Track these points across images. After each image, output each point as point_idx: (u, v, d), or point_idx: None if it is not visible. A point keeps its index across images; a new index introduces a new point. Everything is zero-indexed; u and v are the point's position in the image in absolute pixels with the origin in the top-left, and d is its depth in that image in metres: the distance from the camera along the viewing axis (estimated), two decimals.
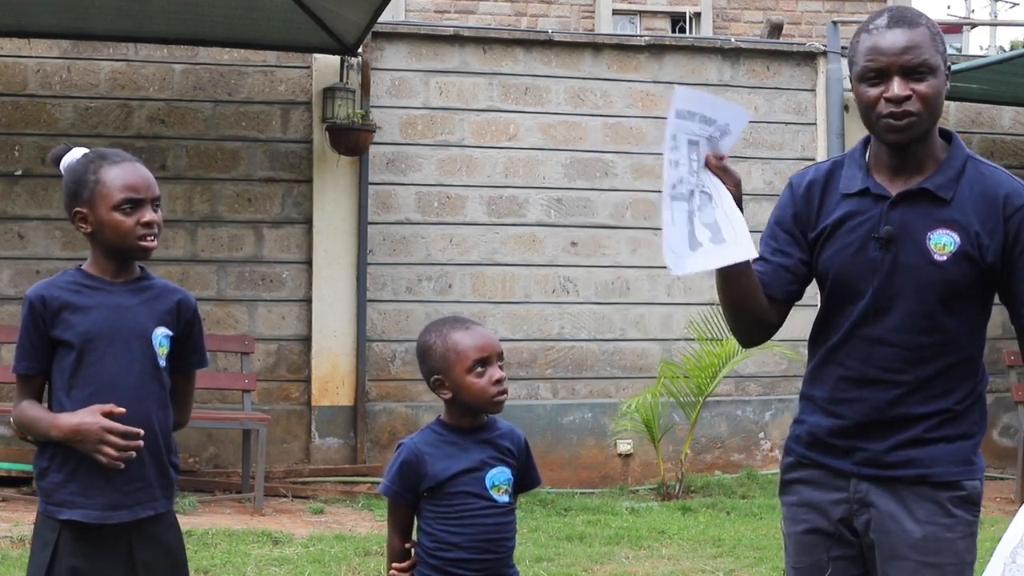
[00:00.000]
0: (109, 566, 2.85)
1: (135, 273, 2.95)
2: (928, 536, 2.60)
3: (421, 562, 2.85)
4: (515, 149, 8.54)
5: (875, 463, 2.65)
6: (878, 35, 2.55)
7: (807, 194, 2.73)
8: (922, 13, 2.61)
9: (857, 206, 2.65)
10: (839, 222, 2.67)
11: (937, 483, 2.62)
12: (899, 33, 2.53)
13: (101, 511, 2.82)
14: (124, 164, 2.89)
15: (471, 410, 2.88)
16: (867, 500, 2.66)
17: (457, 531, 2.81)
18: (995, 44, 27.22)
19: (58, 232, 7.80)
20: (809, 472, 2.74)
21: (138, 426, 2.83)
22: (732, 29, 13.15)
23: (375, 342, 8.21)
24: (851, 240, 2.65)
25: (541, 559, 5.92)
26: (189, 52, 8.09)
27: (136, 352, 2.87)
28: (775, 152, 8.87)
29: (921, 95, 2.53)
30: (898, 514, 2.63)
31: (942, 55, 2.58)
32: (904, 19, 2.56)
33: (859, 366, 2.65)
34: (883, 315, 2.62)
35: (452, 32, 8.60)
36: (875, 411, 2.63)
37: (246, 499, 7.31)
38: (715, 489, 8.08)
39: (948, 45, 12.43)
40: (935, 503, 2.62)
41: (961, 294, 2.61)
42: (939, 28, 2.61)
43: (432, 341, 2.91)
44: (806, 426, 2.76)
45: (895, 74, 2.52)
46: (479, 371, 2.83)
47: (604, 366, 8.59)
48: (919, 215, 2.60)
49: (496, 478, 2.85)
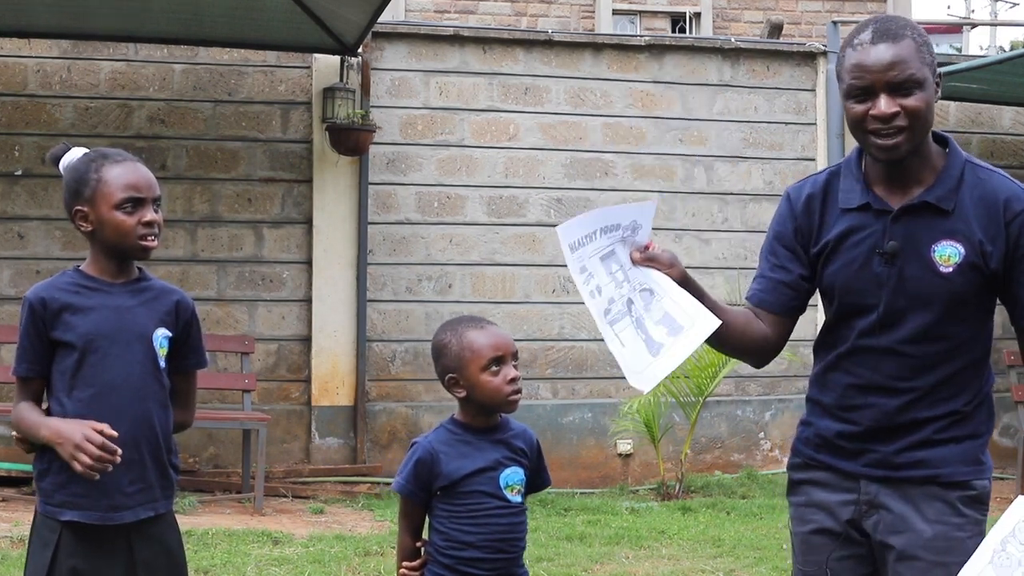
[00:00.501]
0: (110, 567, 2.85)
1: (133, 274, 2.94)
2: (939, 535, 2.60)
3: (432, 561, 2.85)
4: (515, 149, 8.54)
5: (885, 464, 2.65)
6: (862, 51, 2.53)
7: (807, 208, 2.72)
8: (908, 23, 2.58)
9: (858, 221, 2.64)
10: (841, 237, 2.66)
11: (947, 483, 2.62)
12: (883, 49, 2.50)
13: (103, 512, 2.82)
14: (126, 163, 2.88)
15: (485, 409, 2.88)
16: (876, 501, 2.66)
17: (470, 530, 2.81)
18: (995, 44, 27.22)
19: (58, 232, 7.80)
20: (818, 473, 2.75)
21: (139, 426, 2.84)
22: (732, 29, 13.15)
23: (375, 342, 8.21)
24: (855, 255, 2.64)
25: (541, 559, 5.92)
26: (189, 52, 8.09)
27: (138, 353, 2.86)
28: (775, 152, 8.87)
29: (909, 110, 2.50)
30: (908, 514, 2.63)
31: (930, 65, 2.54)
32: (888, 33, 2.53)
33: (867, 374, 2.65)
34: (891, 328, 2.62)
35: (452, 32, 8.60)
36: (884, 416, 2.63)
37: (246, 499, 7.31)
38: (715, 489, 8.08)
39: (948, 45, 12.42)
40: (945, 503, 2.62)
41: (968, 302, 2.61)
42: (926, 37, 2.58)
43: (447, 340, 2.89)
44: (814, 428, 2.76)
45: (881, 91, 2.50)
46: (494, 370, 2.83)
47: (604, 366, 8.58)
48: (922, 228, 2.59)
49: (510, 478, 2.85)
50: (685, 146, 8.81)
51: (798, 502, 2.79)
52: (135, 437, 2.84)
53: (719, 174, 8.83)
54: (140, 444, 2.85)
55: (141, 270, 2.97)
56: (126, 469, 2.81)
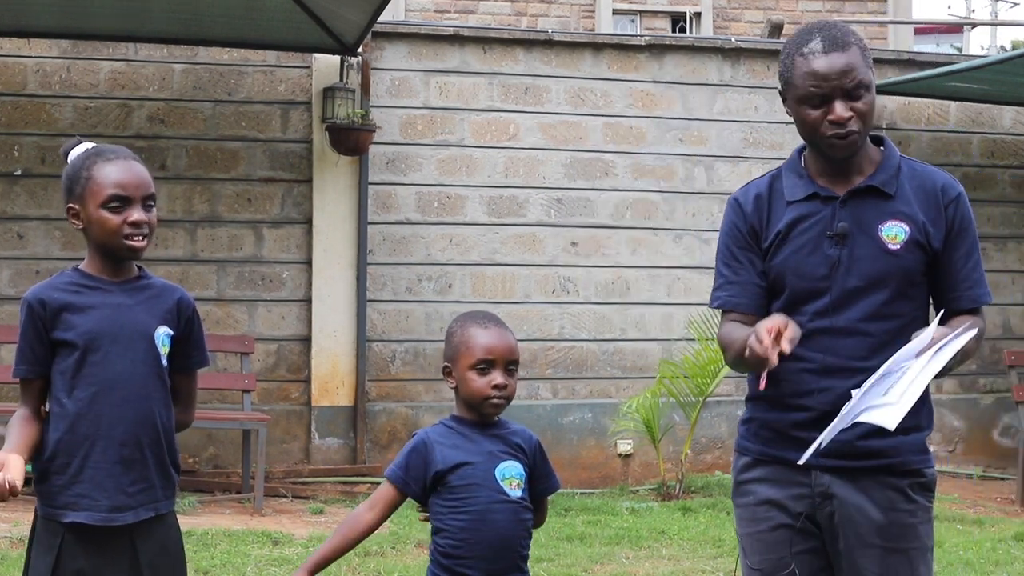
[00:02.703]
0: (113, 568, 2.83)
1: (133, 273, 2.92)
2: (893, 522, 2.71)
3: (432, 561, 2.83)
4: (515, 149, 8.53)
5: (839, 454, 2.68)
6: (815, 60, 2.68)
7: (756, 206, 2.83)
8: (849, 29, 2.74)
9: (807, 209, 2.78)
10: (791, 225, 2.77)
11: (901, 471, 2.73)
12: (836, 57, 2.68)
13: (106, 513, 2.81)
14: (118, 161, 2.85)
15: (469, 406, 2.88)
16: (829, 492, 2.73)
17: (468, 525, 2.78)
18: (995, 44, 27.24)
19: (57, 232, 7.79)
20: (767, 470, 2.79)
21: (142, 425, 2.83)
22: (732, 29, 13.15)
23: (375, 342, 8.21)
24: (805, 241, 2.76)
25: (541, 559, 5.91)
26: (189, 52, 8.09)
27: (140, 351, 2.85)
28: (775, 152, 8.86)
29: (859, 112, 2.68)
30: (862, 503, 2.71)
31: (871, 68, 2.73)
32: (837, 41, 2.69)
33: (821, 357, 2.72)
34: (844, 308, 2.72)
35: (452, 32, 8.60)
36: (839, 399, 2.64)
37: (246, 499, 7.31)
38: (715, 489, 8.07)
39: (949, 45, 12.52)
40: (895, 490, 2.72)
41: (915, 281, 2.74)
42: (865, 43, 2.75)
43: (454, 329, 2.95)
44: (760, 422, 2.82)
45: (836, 97, 2.66)
46: (482, 369, 2.84)
47: (604, 366, 8.58)
48: (869, 209, 2.74)
49: (507, 471, 2.83)
50: (685, 146, 8.80)
51: (746, 503, 2.84)
52: (137, 436, 2.83)
53: (719, 174, 8.82)
54: (142, 443, 2.84)
55: (141, 269, 2.95)
56: (128, 469, 2.81)
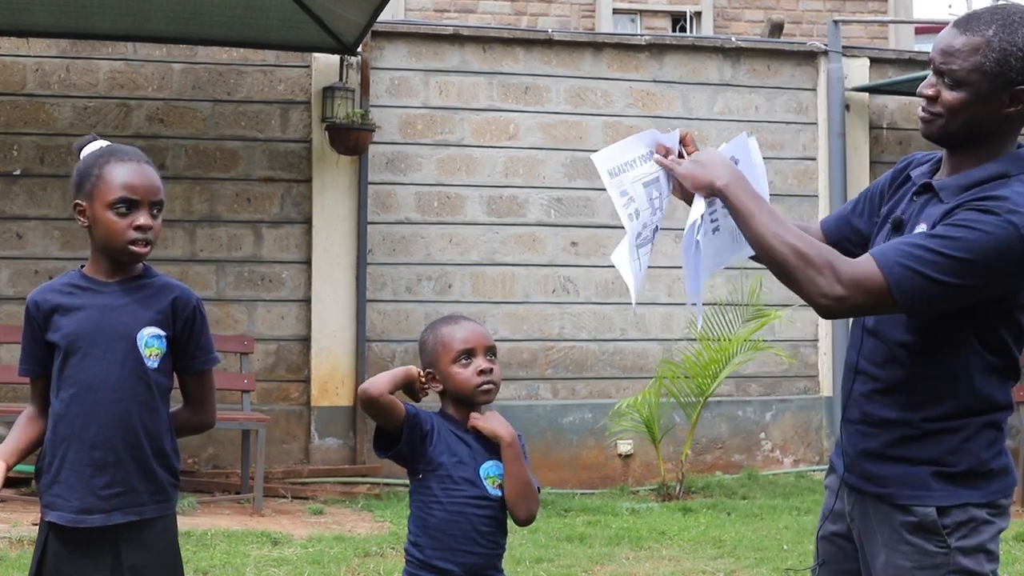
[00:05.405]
0: (94, 570, 2.81)
1: (133, 271, 2.89)
2: (888, 562, 2.48)
3: (408, 560, 2.86)
4: (515, 149, 8.53)
5: (850, 470, 2.58)
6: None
7: (898, 172, 2.70)
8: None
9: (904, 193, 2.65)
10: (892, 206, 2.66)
11: (893, 505, 2.49)
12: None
13: (74, 514, 2.80)
14: (129, 163, 2.82)
15: (459, 402, 2.92)
16: (853, 514, 2.59)
17: (446, 517, 2.81)
18: None
19: (57, 232, 7.77)
20: (830, 478, 2.71)
21: (116, 428, 2.81)
22: (733, 28, 13.14)
23: (375, 342, 8.20)
24: (884, 224, 2.66)
25: (541, 560, 5.90)
26: (188, 51, 8.08)
27: (118, 353, 2.82)
28: (775, 152, 8.85)
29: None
30: (869, 533, 2.54)
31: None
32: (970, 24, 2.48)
33: (854, 354, 2.58)
34: None
35: (452, 31, 8.59)
36: (853, 403, 2.56)
37: (245, 500, 7.30)
38: (716, 490, 8.06)
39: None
40: (890, 526, 2.49)
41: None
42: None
43: (426, 336, 3.00)
44: None
45: None
46: (464, 362, 2.88)
47: (604, 366, 8.57)
48: (924, 206, 2.53)
49: (490, 470, 2.87)
50: None
51: (823, 508, 2.73)
52: (110, 439, 2.80)
53: None
54: (117, 447, 2.80)
55: (146, 267, 2.92)
56: (99, 471, 2.79)
